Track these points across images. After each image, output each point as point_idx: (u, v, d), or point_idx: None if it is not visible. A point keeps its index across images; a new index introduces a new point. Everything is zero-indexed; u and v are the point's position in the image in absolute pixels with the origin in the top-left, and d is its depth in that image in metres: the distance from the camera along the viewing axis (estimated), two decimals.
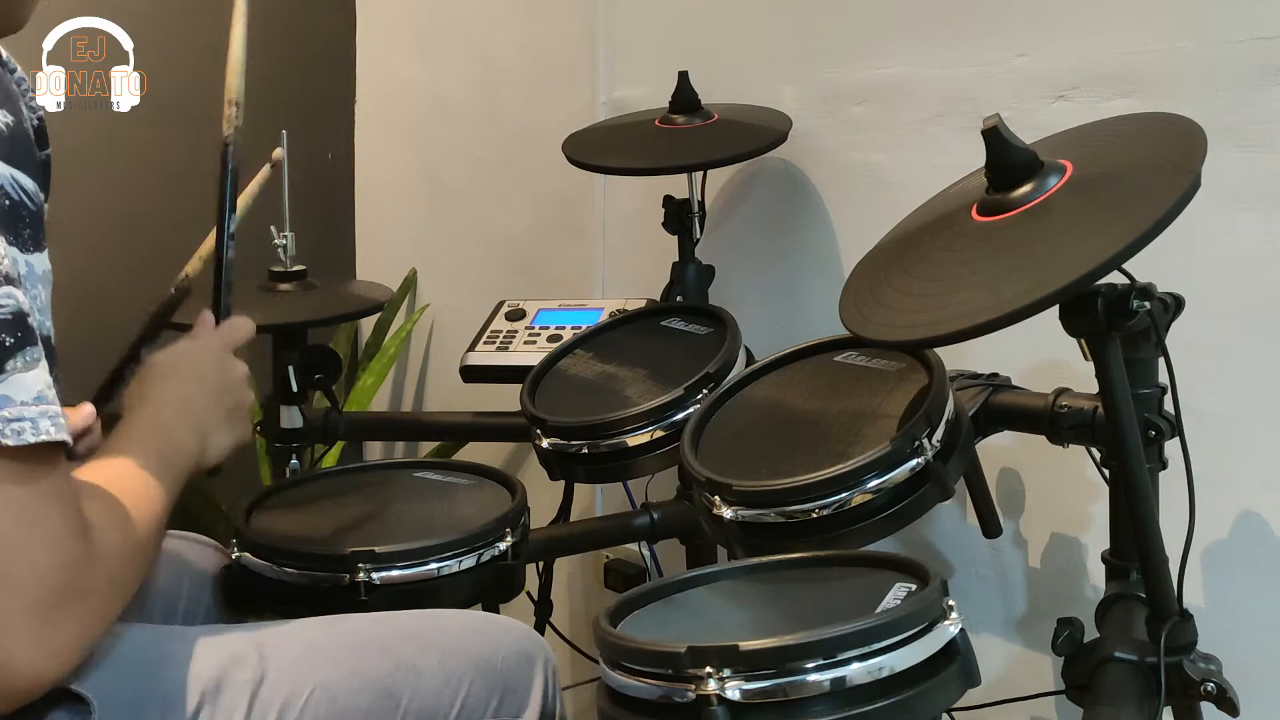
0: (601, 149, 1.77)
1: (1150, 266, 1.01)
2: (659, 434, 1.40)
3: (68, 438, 0.82)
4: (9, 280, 0.81)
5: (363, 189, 2.73)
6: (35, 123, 0.88)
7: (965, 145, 1.15)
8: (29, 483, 0.81)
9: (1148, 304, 1.04)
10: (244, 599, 1.29)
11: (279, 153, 1.48)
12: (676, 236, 1.77)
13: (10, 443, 0.79)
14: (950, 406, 1.18)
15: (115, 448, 1.01)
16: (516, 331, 1.79)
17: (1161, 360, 1.13)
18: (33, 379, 0.80)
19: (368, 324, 2.62)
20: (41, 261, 0.86)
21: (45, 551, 0.82)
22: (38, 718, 0.90)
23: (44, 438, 0.80)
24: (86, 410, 1.14)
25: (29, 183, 0.84)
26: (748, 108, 1.77)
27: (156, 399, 1.09)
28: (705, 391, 1.40)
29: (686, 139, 1.71)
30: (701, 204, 1.78)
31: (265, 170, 1.45)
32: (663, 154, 1.71)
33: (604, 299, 1.90)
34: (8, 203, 0.83)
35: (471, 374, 1.76)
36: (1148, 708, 1.11)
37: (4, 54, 0.89)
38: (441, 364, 2.57)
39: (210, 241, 1.30)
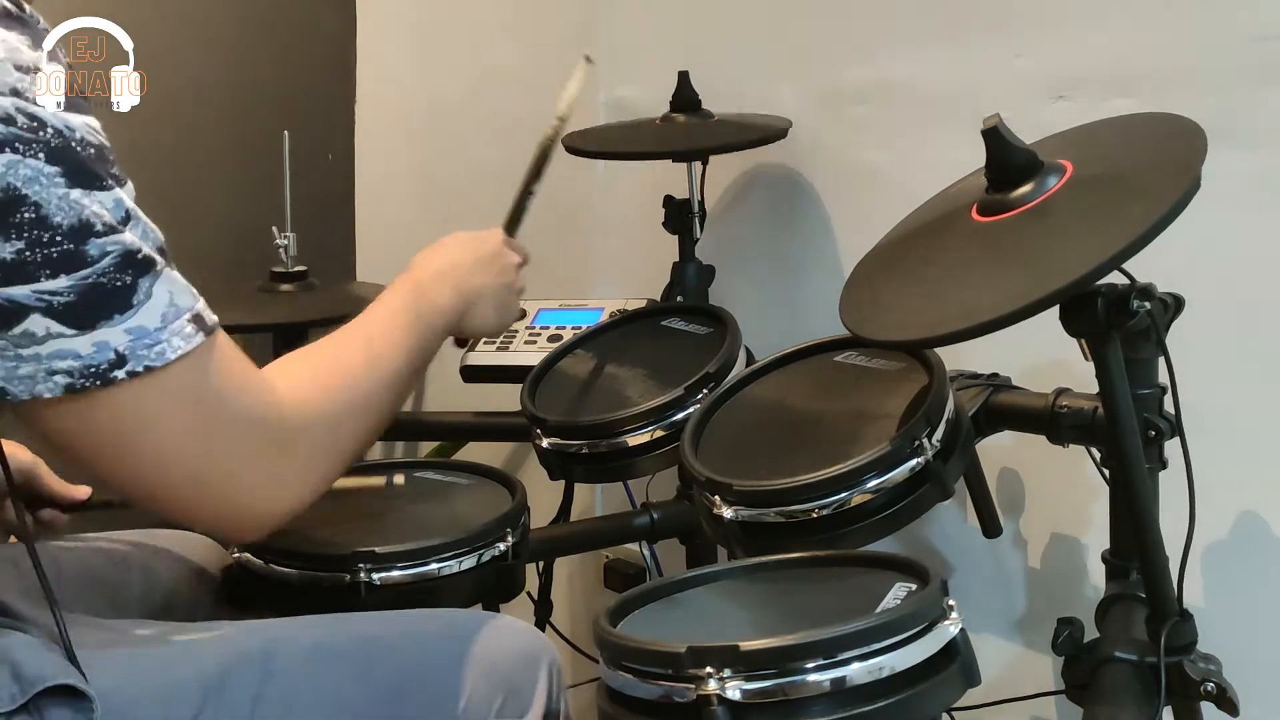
0: (602, 145, 1.77)
1: (1150, 266, 1.01)
2: (659, 434, 1.40)
3: (206, 333, 0.91)
4: (111, 229, 0.88)
5: (363, 189, 2.73)
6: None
7: (965, 145, 1.15)
8: (190, 385, 0.91)
9: (1148, 304, 1.04)
10: (244, 599, 1.29)
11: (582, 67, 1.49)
12: (676, 236, 1.77)
13: (157, 364, 0.88)
14: (950, 406, 1.18)
15: (375, 304, 1.17)
16: (516, 331, 1.78)
17: (1161, 360, 1.13)
18: (154, 305, 0.89)
19: None
20: (130, 192, 0.94)
21: (234, 428, 0.94)
22: (40, 714, 0.90)
23: (179, 353, 0.89)
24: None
25: (93, 120, 0.94)
26: (748, 113, 1.77)
27: (423, 262, 1.24)
28: (705, 391, 1.39)
29: (687, 132, 1.71)
30: (701, 204, 1.78)
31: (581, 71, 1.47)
32: (663, 143, 1.71)
33: (604, 299, 1.90)
34: (92, 150, 0.90)
35: (471, 374, 1.76)
36: (1148, 708, 1.11)
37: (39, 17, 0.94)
38: (441, 364, 2.56)
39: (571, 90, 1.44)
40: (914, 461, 1.12)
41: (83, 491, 1.31)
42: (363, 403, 1.07)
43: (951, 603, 0.94)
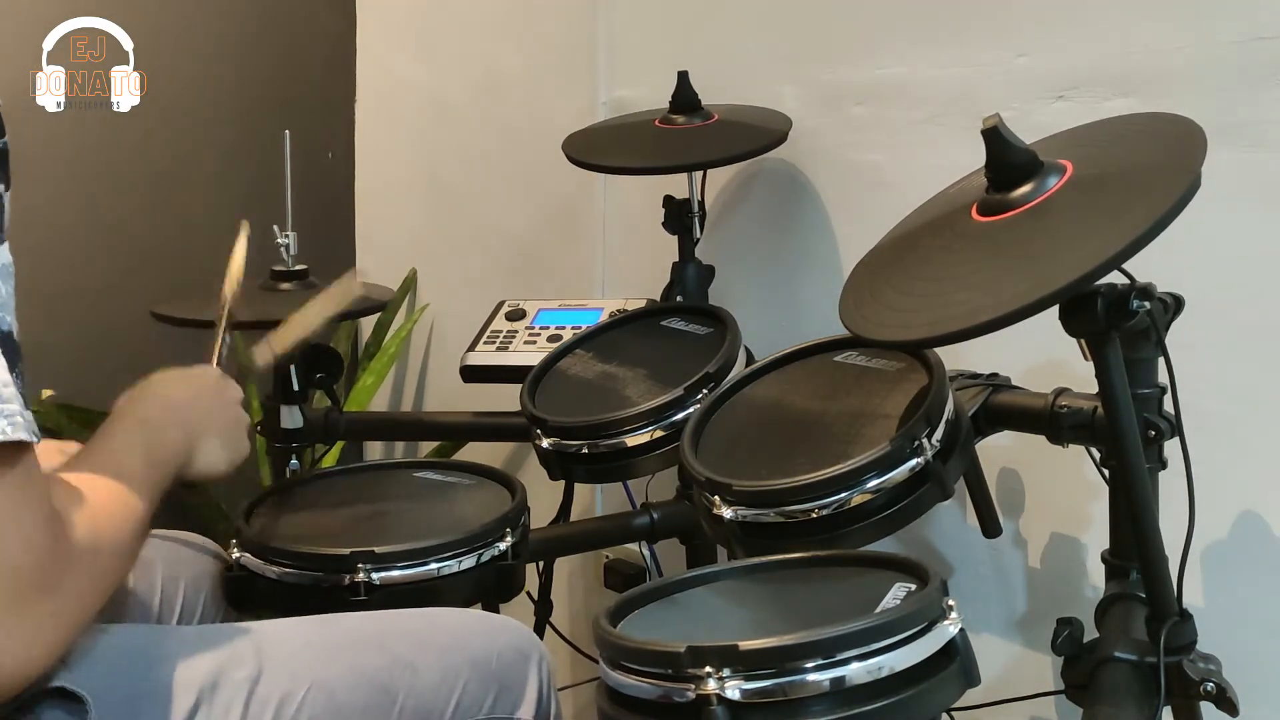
0: (601, 149, 1.77)
1: (1150, 266, 1.01)
2: (659, 434, 1.40)
3: (28, 436, 0.81)
4: None
5: (363, 189, 2.73)
6: None
7: (965, 145, 1.15)
8: None
9: (1148, 304, 1.04)
10: (244, 599, 1.29)
11: (244, 232, 1.49)
12: (676, 236, 1.77)
13: None
14: (950, 406, 1.18)
15: (99, 444, 1.01)
16: (516, 331, 1.78)
17: (1161, 360, 1.13)
18: None
19: (368, 324, 2.62)
20: (1, 255, 0.84)
21: (13, 546, 0.81)
22: (34, 716, 0.90)
23: (2, 438, 0.79)
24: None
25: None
26: (748, 108, 1.77)
27: (146, 400, 1.09)
28: (705, 391, 1.40)
29: (686, 139, 1.71)
30: (701, 204, 1.78)
31: (241, 245, 1.46)
32: (663, 154, 1.71)
33: (604, 299, 1.90)
34: None
35: (471, 374, 1.76)
36: (1147, 707, 1.11)
37: None
38: (441, 364, 2.57)
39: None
40: (914, 461, 1.12)
41: None
42: (119, 544, 0.94)
43: (951, 603, 0.94)
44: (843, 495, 1.12)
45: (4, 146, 0.87)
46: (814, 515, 1.13)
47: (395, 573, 1.26)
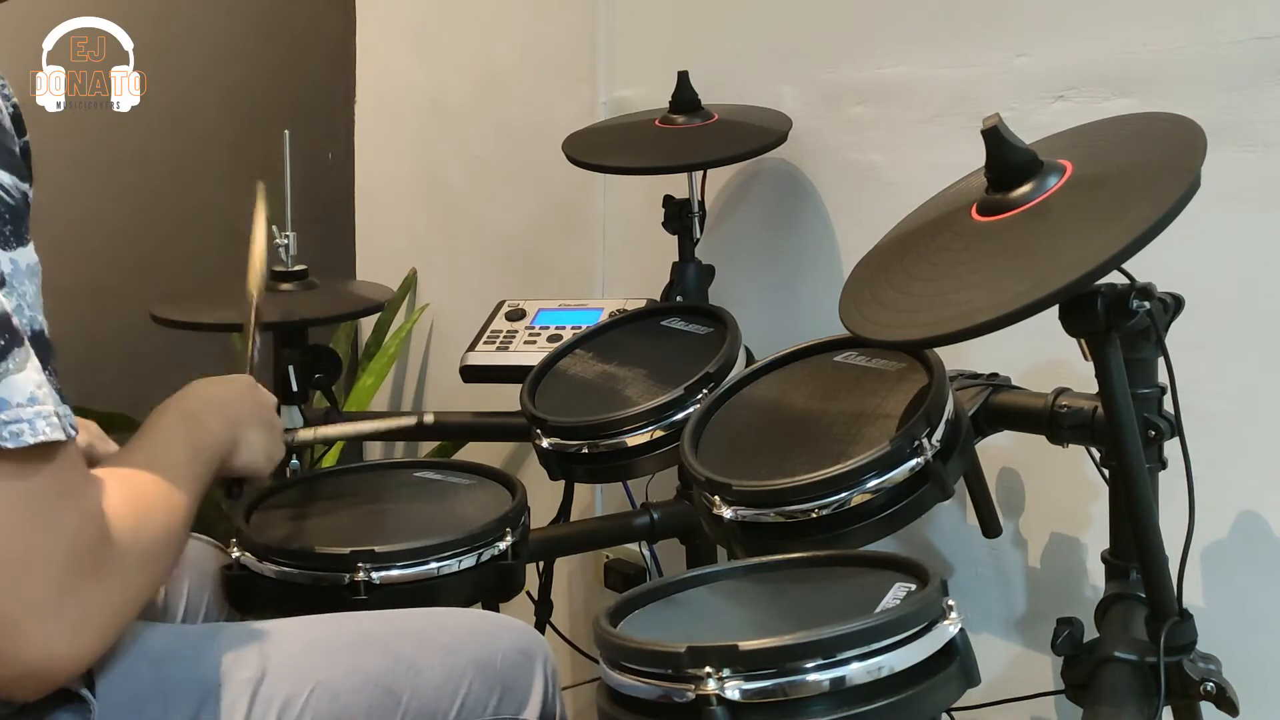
0: (601, 149, 1.77)
1: (1150, 266, 1.01)
2: (659, 434, 1.40)
3: (66, 434, 0.82)
4: None
5: (363, 189, 2.73)
6: (11, 110, 0.87)
7: (965, 145, 1.15)
8: (34, 479, 0.81)
9: (1148, 304, 1.04)
10: (244, 599, 1.29)
11: (260, 200, 1.49)
12: (676, 236, 1.77)
13: (10, 445, 0.79)
14: (950, 406, 1.18)
15: (144, 438, 1.02)
16: (516, 331, 1.79)
17: (1161, 360, 1.13)
18: (23, 380, 0.80)
19: (368, 324, 2.63)
20: (26, 255, 0.84)
21: (59, 541, 0.82)
22: (39, 716, 0.90)
23: (41, 438, 0.80)
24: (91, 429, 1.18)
25: (6, 177, 0.83)
26: (748, 108, 1.77)
27: (188, 397, 1.11)
28: (705, 391, 1.40)
29: (686, 139, 1.71)
30: (701, 204, 1.78)
31: (260, 226, 1.46)
32: (663, 154, 1.71)
33: (604, 299, 1.90)
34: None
35: (471, 374, 1.76)
36: (1147, 707, 1.11)
37: None
38: (441, 364, 2.57)
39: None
40: (914, 461, 1.12)
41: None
42: (164, 535, 0.94)
43: (951, 603, 0.94)
44: (843, 495, 1.12)
45: (25, 144, 0.87)
46: (814, 515, 1.13)
47: (395, 572, 1.26)
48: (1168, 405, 1.17)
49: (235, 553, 1.29)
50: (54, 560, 0.82)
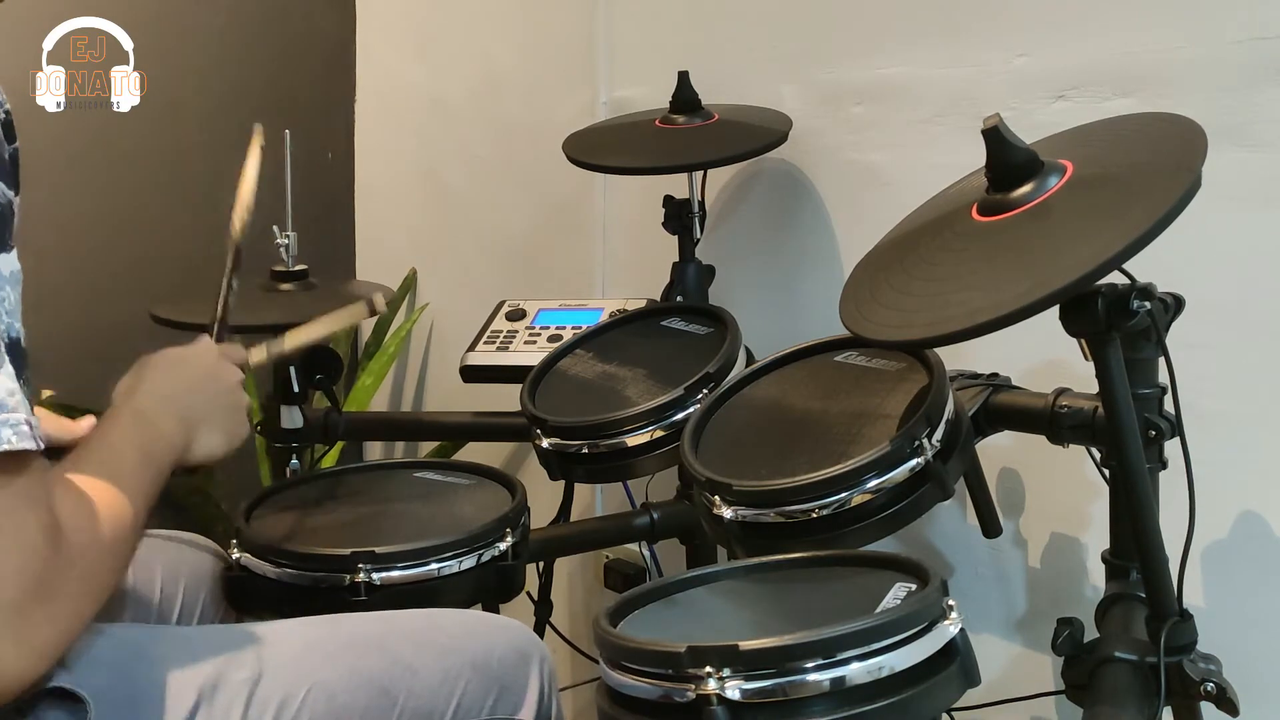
0: (601, 149, 1.77)
1: (1150, 266, 1.01)
2: (659, 434, 1.40)
3: (32, 444, 0.81)
4: None
5: (363, 189, 2.73)
6: (2, 116, 0.86)
7: (965, 145, 1.15)
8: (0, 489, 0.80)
9: (1148, 304, 1.04)
10: (244, 599, 1.29)
11: (257, 140, 1.48)
12: (676, 236, 1.77)
13: None
14: (950, 406, 1.18)
15: (96, 442, 1.00)
16: (516, 331, 1.79)
17: (1161, 360, 1.13)
18: None
19: (367, 324, 2.62)
20: (8, 262, 0.83)
21: (15, 554, 0.81)
22: (35, 716, 0.90)
23: (5, 447, 0.79)
24: (89, 423, 1.15)
25: (9, 193, 0.82)
26: (748, 108, 1.77)
27: (142, 391, 1.08)
28: (705, 391, 1.40)
29: (686, 139, 1.71)
30: (701, 204, 1.78)
31: (255, 152, 1.45)
32: (663, 154, 1.71)
33: (604, 299, 1.90)
34: None
35: (471, 374, 1.76)
36: (1147, 708, 1.11)
37: None
38: (441, 364, 2.57)
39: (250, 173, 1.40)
40: (914, 461, 1.12)
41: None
42: (111, 548, 0.92)
43: (951, 603, 0.94)
44: (843, 495, 1.12)
45: (15, 152, 0.86)
46: (814, 515, 1.13)
47: (395, 573, 1.26)
48: (1168, 405, 1.17)
49: (235, 553, 1.29)
50: (10, 576, 0.81)
